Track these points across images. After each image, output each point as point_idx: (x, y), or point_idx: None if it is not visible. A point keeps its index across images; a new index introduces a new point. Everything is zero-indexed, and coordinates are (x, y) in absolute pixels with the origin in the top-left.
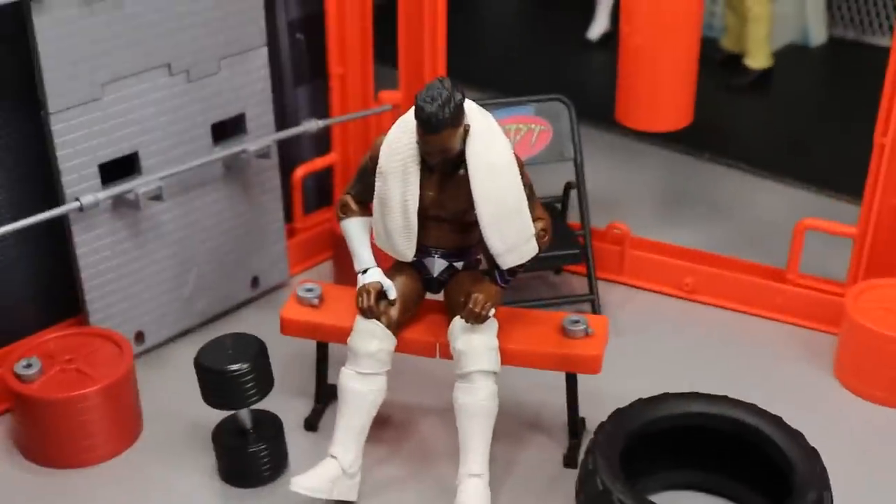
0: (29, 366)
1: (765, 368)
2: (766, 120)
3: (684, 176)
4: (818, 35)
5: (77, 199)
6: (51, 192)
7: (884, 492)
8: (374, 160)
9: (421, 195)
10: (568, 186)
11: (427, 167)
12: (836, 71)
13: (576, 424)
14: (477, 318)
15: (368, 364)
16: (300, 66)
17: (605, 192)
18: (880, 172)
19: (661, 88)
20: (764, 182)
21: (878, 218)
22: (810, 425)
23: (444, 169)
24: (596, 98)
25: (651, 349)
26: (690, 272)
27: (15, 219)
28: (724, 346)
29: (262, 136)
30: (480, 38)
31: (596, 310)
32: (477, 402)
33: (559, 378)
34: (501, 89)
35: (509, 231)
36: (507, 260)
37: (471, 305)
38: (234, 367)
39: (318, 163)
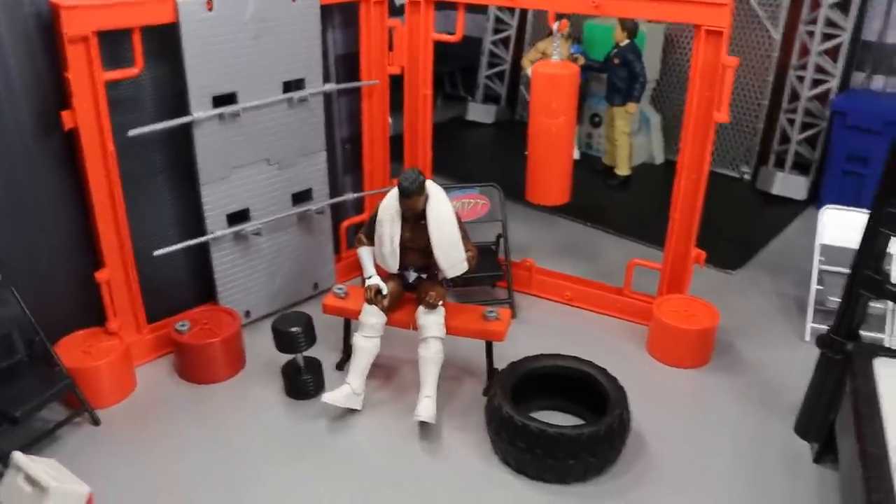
0: (183, 325)
1: (607, 344)
2: (625, 205)
3: (573, 234)
4: (659, 157)
5: (213, 233)
6: (200, 229)
7: (664, 409)
8: (376, 214)
9: (401, 234)
10: (498, 236)
11: (405, 218)
12: (670, 178)
13: (491, 372)
14: (431, 306)
15: (370, 331)
16: (347, 162)
17: (522, 241)
18: (673, 233)
19: (548, 181)
20: (620, 240)
21: (673, 259)
22: (628, 375)
23: (414, 219)
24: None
25: (543, 332)
26: (569, 288)
27: (181, 242)
28: (585, 332)
29: (320, 201)
30: (463, 151)
31: (512, 308)
32: (431, 354)
33: (481, 344)
34: (469, 179)
35: (450, 256)
36: (449, 273)
37: (427, 298)
38: (293, 329)
39: (356, 219)
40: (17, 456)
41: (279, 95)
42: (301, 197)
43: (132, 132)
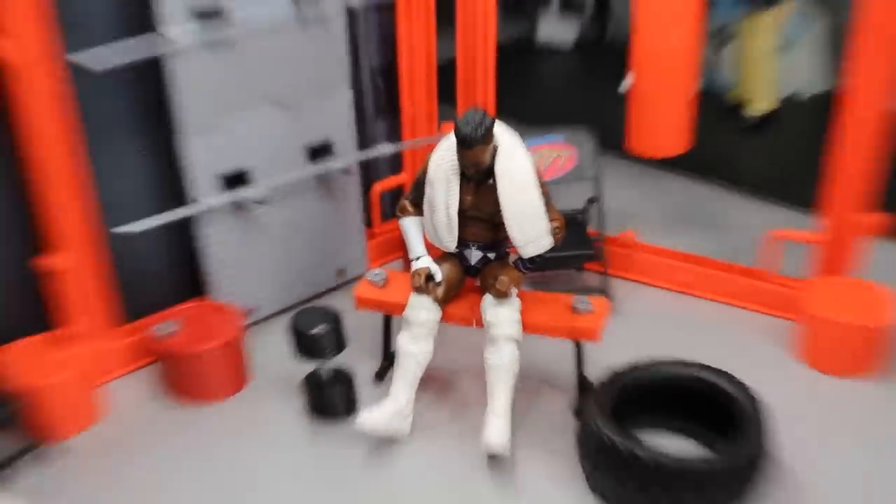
0: (167, 327)
1: (740, 346)
2: (766, 156)
3: (690, 197)
4: (817, 85)
5: (202, 202)
6: (183, 197)
7: (819, 434)
8: (425, 172)
9: (460, 199)
10: (589, 200)
11: (465, 177)
12: (831, 116)
13: (583, 383)
14: (502, 295)
15: (419, 330)
16: (379, 103)
17: (622, 207)
18: (835, 190)
19: (660, 123)
20: (757, 203)
21: (834, 228)
22: (769, 387)
23: (478, 179)
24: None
25: (650, 331)
26: (687, 271)
27: (157, 214)
28: (708, 330)
29: (345, 157)
30: (533, 86)
31: (609, 298)
32: (501, 360)
33: (567, 348)
34: (543, 124)
35: (527, 227)
36: (527, 251)
37: (497, 285)
38: (316, 329)
39: (392, 181)
40: None
41: (286, 9)
42: (319, 151)
43: (87, 64)
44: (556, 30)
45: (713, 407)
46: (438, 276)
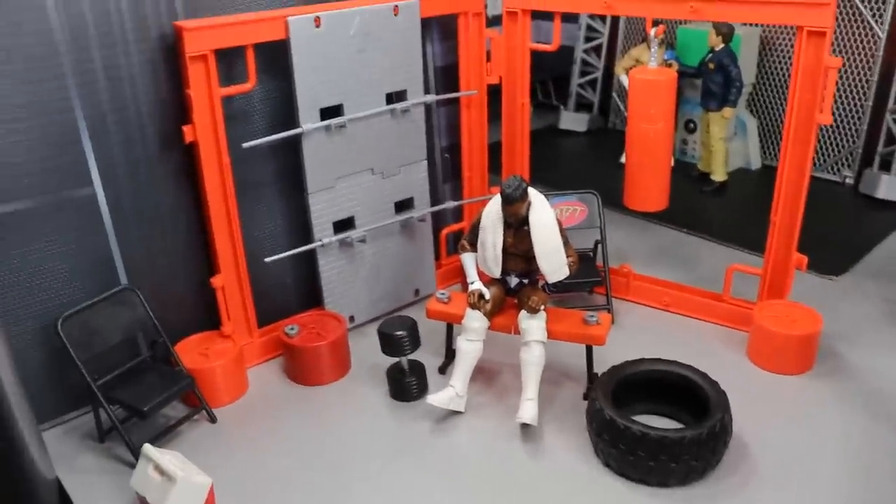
0: (292, 328)
1: (707, 350)
2: (722, 211)
3: (669, 240)
4: (755, 162)
5: (320, 240)
6: (308, 236)
7: (766, 415)
8: (479, 220)
9: (504, 240)
10: (596, 242)
11: (508, 225)
12: (766, 183)
13: (592, 376)
14: (534, 311)
15: (473, 335)
16: (446, 171)
17: (620, 247)
18: (774, 237)
19: (647, 187)
20: (717, 245)
21: (773, 264)
22: (728, 380)
23: (517, 225)
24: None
25: (641, 338)
26: (668, 294)
27: (290, 249)
28: (683, 337)
29: (422, 209)
30: (557, 160)
31: (611, 314)
32: (533, 357)
33: (580, 349)
34: (563, 187)
35: (552, 260)
36: (552, 278)
37: (530, 303)
38: (398, 333)
39: (455, 227)
40: (148, 448)
41: (383, 107)
42: (403, 205)
43: (246, 144)
44: (572, 121)
45: (686, 394)
46: (487, 296)
